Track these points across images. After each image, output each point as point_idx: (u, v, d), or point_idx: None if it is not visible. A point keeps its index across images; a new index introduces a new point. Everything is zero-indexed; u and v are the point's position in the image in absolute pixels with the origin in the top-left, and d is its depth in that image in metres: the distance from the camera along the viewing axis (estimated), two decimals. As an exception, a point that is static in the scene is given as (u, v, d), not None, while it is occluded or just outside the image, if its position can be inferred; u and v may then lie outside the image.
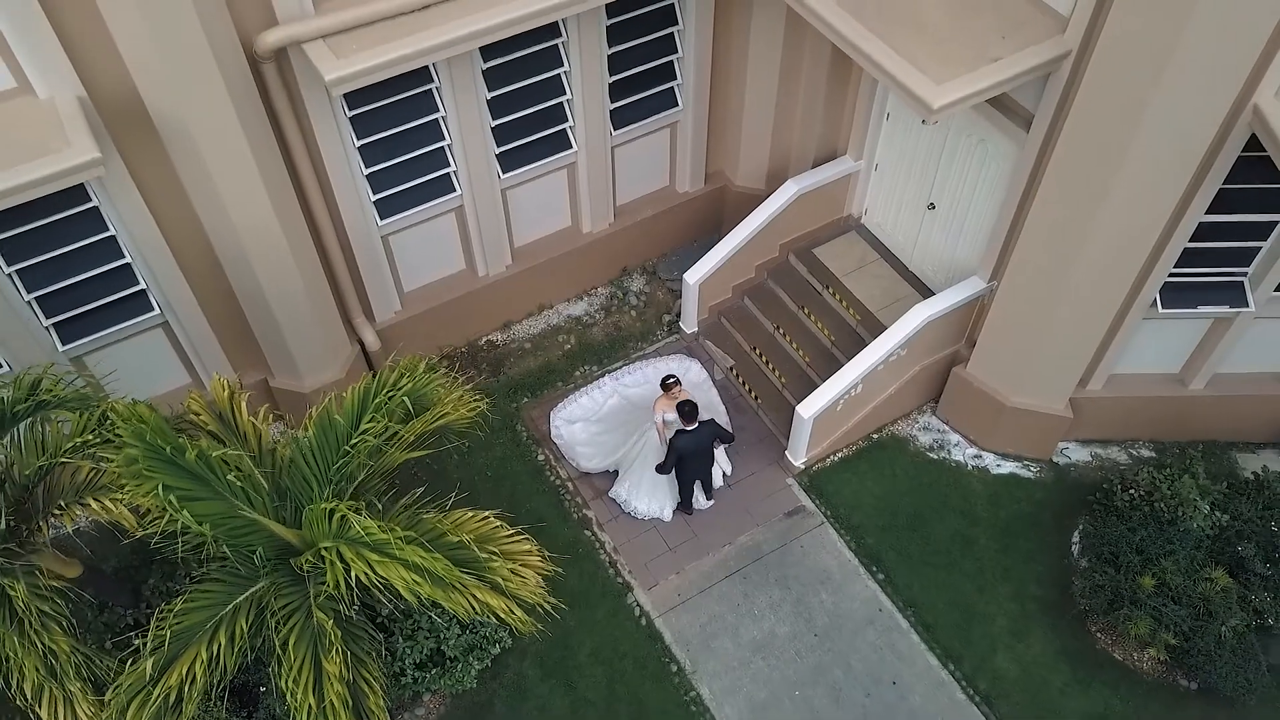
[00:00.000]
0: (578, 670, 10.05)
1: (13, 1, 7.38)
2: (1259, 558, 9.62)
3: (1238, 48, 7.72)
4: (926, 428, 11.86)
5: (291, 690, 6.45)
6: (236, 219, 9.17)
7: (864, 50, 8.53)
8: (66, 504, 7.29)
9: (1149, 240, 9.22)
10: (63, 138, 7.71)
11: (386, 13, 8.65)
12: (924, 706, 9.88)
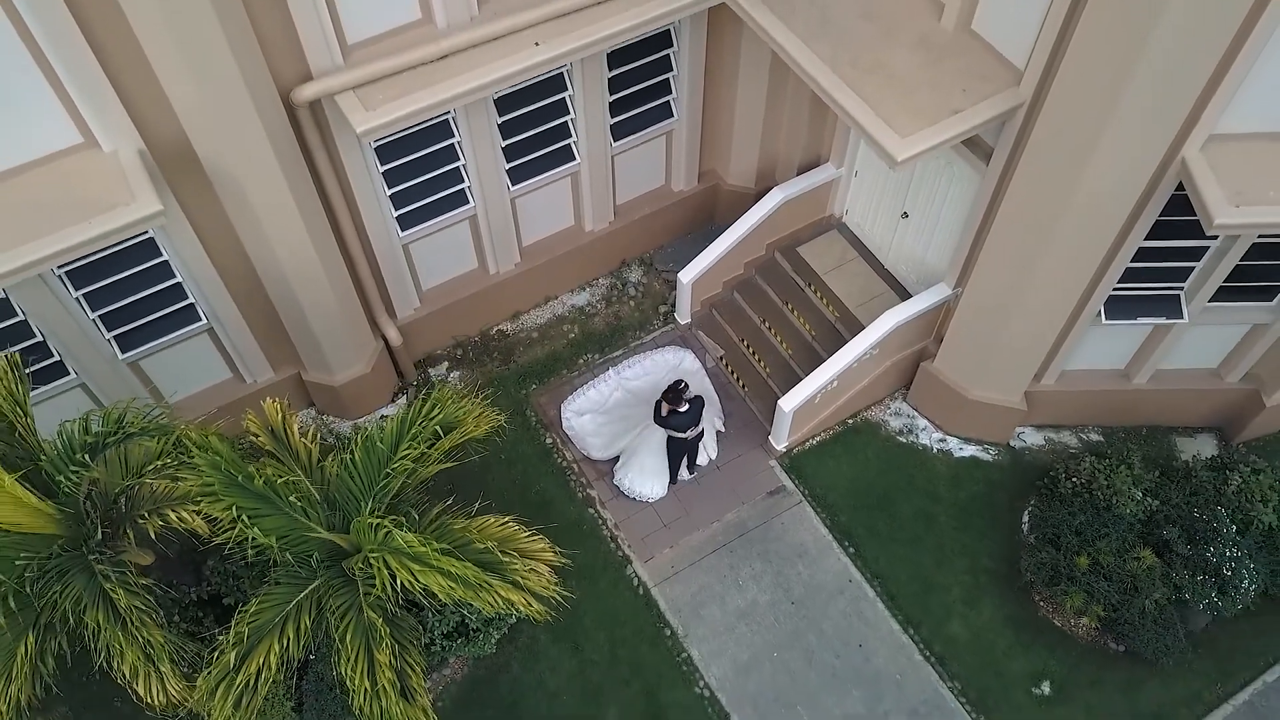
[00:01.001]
0: (583, 635, 11.40)
1: (78, 64, 8.27)
2: (1182, 540, 10.90)
3: (1169, 109, 8.67)
4: (897, 413, 13.06)
5: (350, 675, 7.77)
6: (277, 247, 10.20)
7: (839, 100, 9.46)
8: (148, 514, 8.51)
9: (1094, 262, 10.28)
10: (128, 191, 8.70)
11: (409, 63, 9.56)
12: (886, 667, 11.29)
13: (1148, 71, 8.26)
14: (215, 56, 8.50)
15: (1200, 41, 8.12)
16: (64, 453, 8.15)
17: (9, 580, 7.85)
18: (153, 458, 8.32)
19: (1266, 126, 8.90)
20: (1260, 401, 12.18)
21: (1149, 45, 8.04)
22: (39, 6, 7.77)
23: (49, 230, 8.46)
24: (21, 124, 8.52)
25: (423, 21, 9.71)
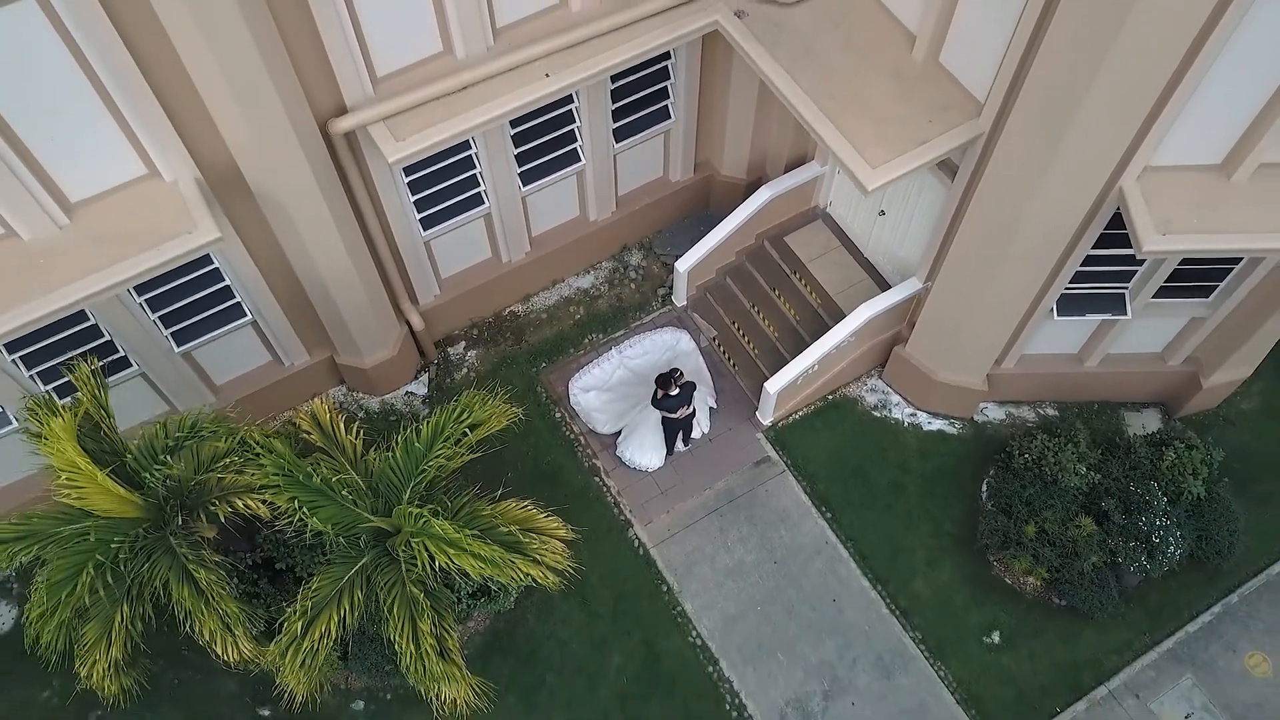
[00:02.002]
0: (590, 591, 12.87)
1: (141, 104, 9.33)
2: (1119, 510, 12.31)
3: (1111, 144, 9.76)
4: (873, 390, 14.37)
5: (397, 640, 9.22)
6: (315, 255, 11.37)
7: (819, 131, 10.55)
8: (218, 500, 9.87)
9: (1046, 268, 11.45)
10: (190, 219, 9.85)
11: (433, 95, 10.61)
12: (856, 620, 12.81)
13: (1093, 109, 9.32)
14: (260, 93, 9.54)
15: (1139, 85, 9.16)
16: (147, 452, 9.47)
17: (106, 560, 9.24)
18: (220, 455, 9.65)
19: (1194, 160, 10.02)
20: (1198, 382, 13.49)
21: (1094, 87, 9.09)
22: (108, 57, 8.80)
23: (125, 256, 9.64)
24: (95, 159, 9.62)
25: (444, 53, 10.74)
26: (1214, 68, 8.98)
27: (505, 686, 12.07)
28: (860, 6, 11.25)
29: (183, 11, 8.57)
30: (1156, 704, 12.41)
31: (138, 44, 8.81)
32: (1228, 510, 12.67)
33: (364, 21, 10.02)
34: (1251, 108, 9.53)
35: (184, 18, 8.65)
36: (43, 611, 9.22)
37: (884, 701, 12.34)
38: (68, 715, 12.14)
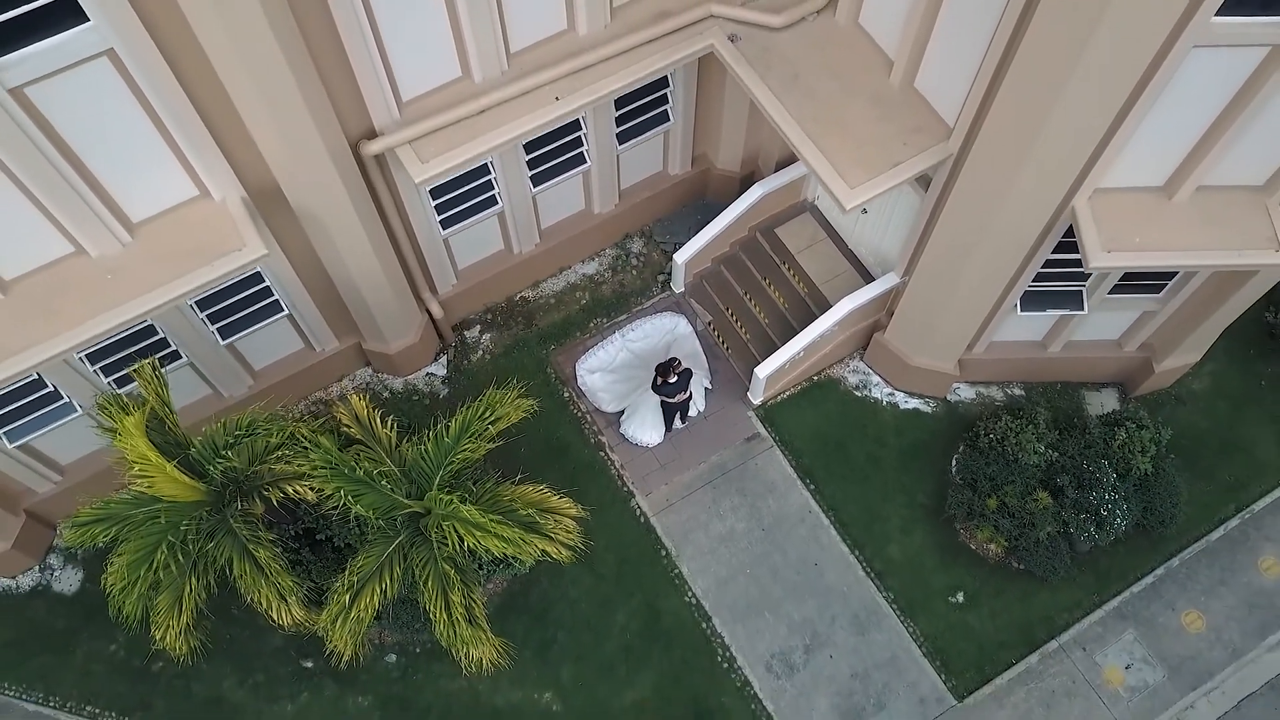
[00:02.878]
0: (597, 556, 14.21)
1: (193, 133, 10.40)
2: (1072, 485, 13.63)
3: (1065, 168, 10.84)
4: (855, 371, 15.60)
5: (431, 609, 10.61)
6: (346, 258, 12.52)
7: (803, 153, 11.62)
8: (270, 486, 11.18)
9: (1010, 271, 12.60)
10: (239, 238, 10.99)
11: (454, 119, 11.65)
12: (836, 582, 14.23)
13: (1050, 137, 10.37)
14: (298, 121, 10.57)
15: (1091, 117, 10.20)
16: (209, 446, 10.76)
17: (176, 541, 10.58)
18: (273, 448, 10.93)
19: (1139, 182, 11.14)
20: (1151, 366, 14.73)
21: (1051, 117, 10.12)
22: (167, 97, 9.83)
23: (183, 272, 10.80)
24: (153, 182, 10.72)
25: (463, 78, 11.75)
26: (1158, 102, 10.03)
27: (521, 642, 13.51)
28: (843, 32, 12.23)
29: (231, 54, 9.59)
30: (1101, 656, 13.89)
31: (191, 84, 9.84)
32: (1172, 485, 14.00)
33: (389, 50, 11.01)
34: (1191, 136, 10.62)
35: (232, 59, 9.67)
36: (124, 586, 10.58)
37: (858, 655, 13.82)
38: (133, 667, 13.64)
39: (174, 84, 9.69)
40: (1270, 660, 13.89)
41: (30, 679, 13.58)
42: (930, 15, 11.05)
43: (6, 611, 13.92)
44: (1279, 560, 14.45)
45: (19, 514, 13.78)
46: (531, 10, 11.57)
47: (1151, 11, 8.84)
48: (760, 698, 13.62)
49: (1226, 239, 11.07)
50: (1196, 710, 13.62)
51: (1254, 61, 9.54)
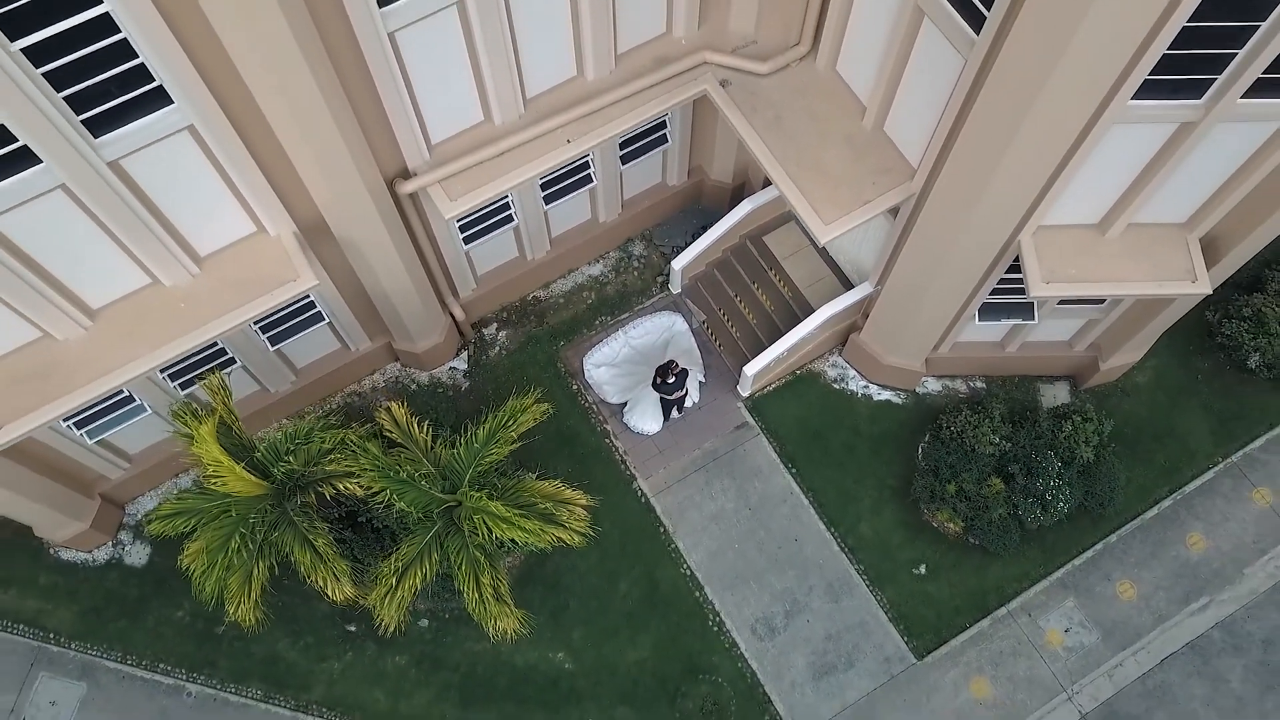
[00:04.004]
0: (603, 533, 15.99)
1: (252, 179, 11.94)
2: (1022, 473, 15.42)
3: (1012, 208, 12.41)
4: (834, 365, 17.30)
5: (464, 589, 12.45)
6: (381, 276, 14.12)
7: (784, 191, 13.17)
8: (323, 483, 12.96)
9: (968, 289, 14.21)
10: (293, 269, 12.60)
11: (478, 160, 13.17)
12: (813, 555, 16.10)
13: (999, 183, 11.92)
14: (341, 164, 12.09)
15: (1036, 165, 11.71)
16: (272, 450, 12.52)
17: (247, 531, 12.39)
18: (326, 451, 12.68)
19: (1077, 220, 12.73)
20: (1098, 364, 16.44)
21: (1000, 167, 11.68)
22: (232, 153, 11.37)
23: (246, 301, 12.44)
24: (217, 221, 12.28)
25: (485, 122, 13.26)
26: (1090, 158, 11.57)
27: (537, 609, 15.39)
28: (822, 78, 13.69)
29: (288, 119, 11.09)
30: (1044, 620, 15.83)
31: (252, 143, 11.36)
32: (1111, 471, 15.79)
33: (420, 98, 12.49)
34: (1121, 184, 12.20)
35: (288, 123, 11.16)
36: (203, 570, 12.42)
37: (832, 619, 15.75)
38: (198, 630, 15.56)
39: (239, 145, 11.22)
40: (1191, 624, 15.83)
41: (110, 641, 15.51)
42: (899, 66, 12.48)
43: (85, 582, 15.80)
44: (1204, 536, 16.31)
45: (94, 498, 15.59)
46: (544, 58, 13.03)
47: (1079, 94, 10.35)
48: (746, 657, 15.59)
49: (1150, 271, 12.72)
50: (1124, 668, 15.60)
51: (1168, 131, 11.09)
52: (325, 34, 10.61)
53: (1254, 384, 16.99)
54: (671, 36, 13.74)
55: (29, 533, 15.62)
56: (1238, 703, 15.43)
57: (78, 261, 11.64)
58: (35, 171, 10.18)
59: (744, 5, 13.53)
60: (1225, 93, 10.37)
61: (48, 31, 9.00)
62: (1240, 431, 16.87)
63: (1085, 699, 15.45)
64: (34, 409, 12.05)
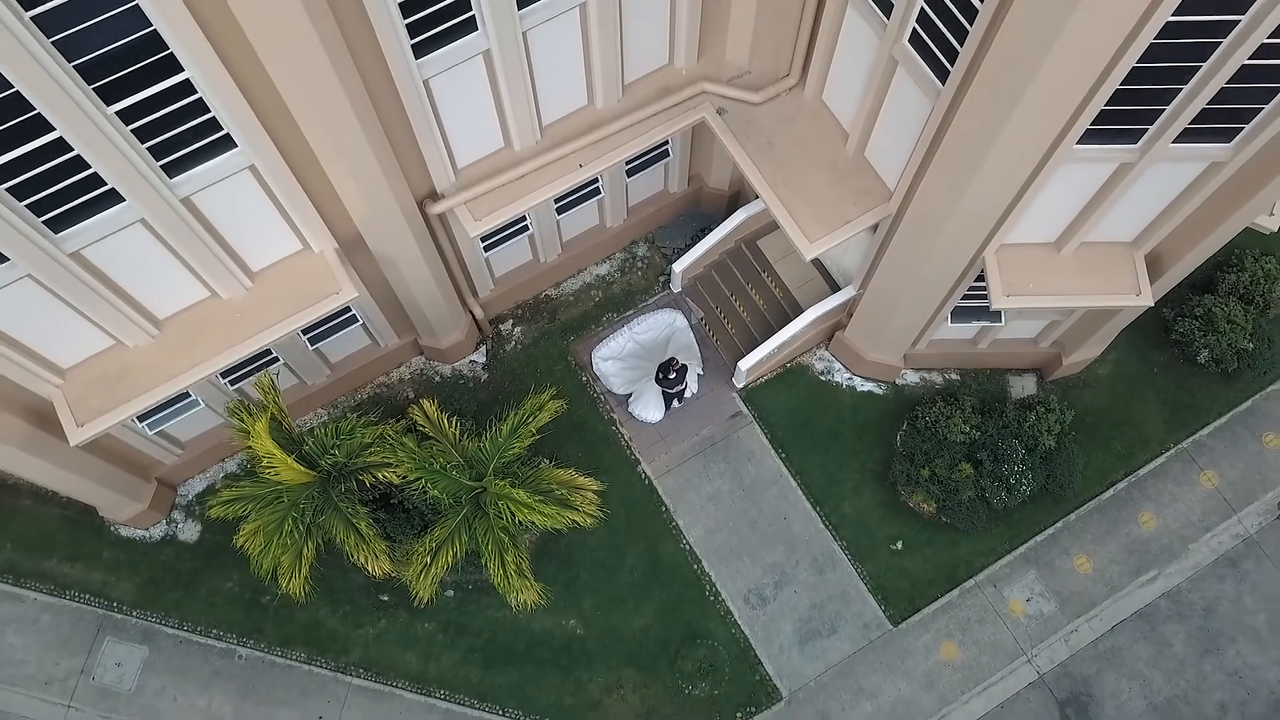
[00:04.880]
0: (610, 512, 17.59)
1: (300, 206, 13.37)
2: (989, 459, 17.00)
3: (978, 228, 13.86)
4: (821, 359, 18.84)
5: (490, 566, 14.08)
6: (411, 284, 15.60)
7: (774, 212, 14.62)
8: (363, 471, 14.54)
9: (941, 295, 15.68)
10: (335, 283, 14.07)
11: (500, 182, 14.60)
12: (800, 532, 17.74)
13: (966, 205, 13.35)
14: (378, 188, 13.50)
15: (999, 189, 13.15)
16: (319, 444, 14.09)
17: (298, 516, 14.00)
18: (367, 445, 14.26)
19: (1035, 239, 14.18)
20: (1061, 359, 17.97)
21: (968, 191, 13.11)
22: (283, 183, 12.81)
23: (294, 312, 13.91)
24: (268, 240, 13.74)
25: (505, 148, 14.68)
26: (1044, 189, 13.01)
27: (551, 580, 17.00)
28: (809, 106, 15.07)
29: (335, 155, 12.50)
30: (1008, 591, 17.51)
31: (301, 174, 12.80)
32: (1071, 457, 17.38)
33: (447, 127, 13.89)
34: (1074, 208, 13.64)
35: (335, 157, 12.57)
36: (260, 549, 14.04)
37: (817, 590, 17.43)
38: (246, 600, 17.23)
39: (291, 178, 12.65)
40: (1140, 594, 17.52)
41: (167, 609, 17.20)
42: (878, 101, 13.85)
43: (144, 557, 17.46)
44: (1155, 515, 17.95)
45: (151, 481, 17.20)
46: (558, 89, 14.40)
47: (1031, 139, 11.78)
48: (739, 623, 17.29)
49: (1100, 285, 14.22)
50: (1079, 633, 17.31)
51: (1110, 169, 12.53)
52: (368, 82, 11.99)
53: (1204, 376, 18.53)
54: (673, 67, 15.09)
55: (93, 513, 17.26)
56: (1180, 664, 17.16)
57: (148, 279, 13.12)
58: (119, 209, 11.64)
59: (739, 39, 14.85)
60: (1158, 139, 11.81)
61: (137, 96, 10.42)
62: (1191, 420, 18.45)
63: (1043, 661, 17.18)
64: (110, 409, 13.60)
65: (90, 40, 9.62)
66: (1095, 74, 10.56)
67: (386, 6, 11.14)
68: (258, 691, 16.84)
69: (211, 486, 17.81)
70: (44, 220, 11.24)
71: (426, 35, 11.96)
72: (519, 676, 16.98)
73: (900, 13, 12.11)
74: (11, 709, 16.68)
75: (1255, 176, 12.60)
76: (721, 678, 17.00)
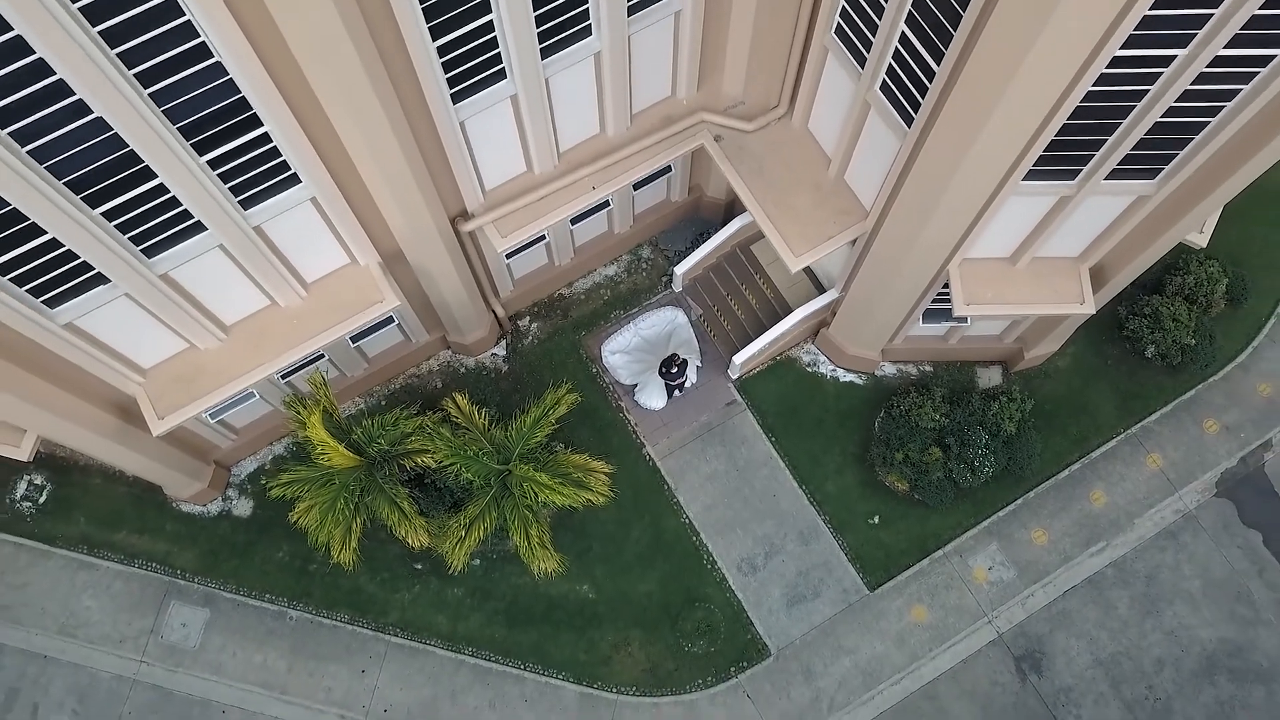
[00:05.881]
0: (619, 491, 19.61)
1: (350, 227, 15.24)
2: (956, 444, 19.02)
3: (942, 246, 15.77)
4: (808, 352, 20.80)
5: (516, 539, 16.13)
6: (443, 290, 17.52)
7: (763, 229, 16.52)
8: (404, 458, 16.56)
9: (912, 300, 17.61)
10: (379, 293, 16.00)
11: (523, 203, 16.49)
12: (788, 508, 19.79)
13: (932, 226, 15.25)
14: (417, 209, 15.37)
15: (958, 217, 15.07)
16: (367, 434, 16.11)
17: (349, 496, 16.04)
18: (408, 434, 16.27)
19: (993, 254, 16.09)
20: (1022, 354, 19.95)
21: (933, 215, 15.01)
22: (336, 207, 14.72)
23: (344, 319, 15.85)
24: (320, 255, 15.66)
25: (527, 172, 16.55)
26: (999, 214, 14.90)
27: (566, 551, 18.98)
28: (796, 133, 16.92)
29: (383, 184, 14.38)
30: (972, 560, 19.60)
31: (352, 199, 14.68)
32: (1030, 441, 19.39)
33: (478, 157, 15.76)
34: (1026, 229, 15.53)
35: (382, 186, 14.45)
36: (317, 525, 16.09)
37: (802, 559, 19.53)
38: (296, 568, 19.32)
39: (345, 205, 14.54)
40: (1090, 563, 19.61)
41: (225, 576, 19.29)
42: (855, 133, 15.69)
43: (203, 530, 19.53)
44: (1105, 493, 20.00)
45: (209, 463, 19.24)
46: (574, 120, 16.23)
47: (984, 177, 13.65)
48: (733, 589, 19.40)
49: (1049, 295, 16.15)
50: (1034, 597, 19.43)
51: (1053, 200, 14.43)
52: (413, 125, 13.82)
53: (1152, 369, 20.49)
54: (675, 99, 16.91)
55: (157, 490, 19.31)
56: (1123, 624, 19.30)
57: (220, 292, 15.06)
58: (203, 236, 13.56)
59: (734, 73, 16.65)
60: (1092, 176, 13.71)
61: (225, 147, 12.32)
62: (1139, 408, 20.45)
63: (1002, 622, 19.32)
64: (186, 404, 15.58)
65: (191, 105, 11.48)
66: (1035, 126, 12.40)
67: (432, 66, 12.97)
68: (307, 648, 18.99)
69: (261, 467, 19.89)
70: (142, 249, 13.17)
71: (463, 86, 13.81)
72: (538, 635, 19.11)
73: (873, 65, 13.95)
74: (91, 664, 18.84)
75: (1181, 204, 14.48)
76: (717, 636, 19.14)
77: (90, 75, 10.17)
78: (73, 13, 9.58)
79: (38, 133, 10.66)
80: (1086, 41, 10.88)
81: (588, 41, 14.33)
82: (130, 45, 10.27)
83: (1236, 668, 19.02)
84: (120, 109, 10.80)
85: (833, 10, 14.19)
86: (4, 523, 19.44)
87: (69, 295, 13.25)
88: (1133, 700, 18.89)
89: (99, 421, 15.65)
